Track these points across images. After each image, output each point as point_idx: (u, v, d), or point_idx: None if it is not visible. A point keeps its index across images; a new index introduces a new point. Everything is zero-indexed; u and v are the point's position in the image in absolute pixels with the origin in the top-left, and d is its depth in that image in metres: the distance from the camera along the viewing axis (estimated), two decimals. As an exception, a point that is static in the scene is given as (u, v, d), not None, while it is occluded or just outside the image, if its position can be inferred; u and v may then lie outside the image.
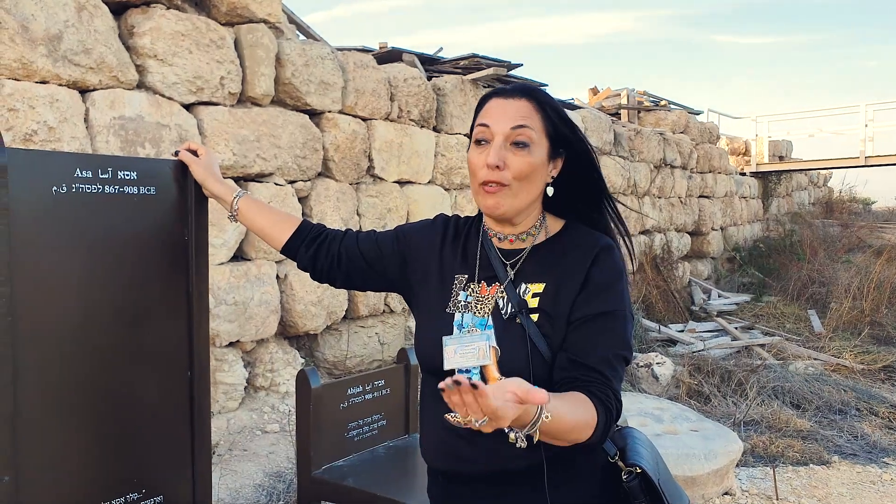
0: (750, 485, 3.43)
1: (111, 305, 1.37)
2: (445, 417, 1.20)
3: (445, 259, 1.29)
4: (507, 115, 1.17)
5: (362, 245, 1.37)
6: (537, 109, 1.18)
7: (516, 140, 1.16)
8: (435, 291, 1.27)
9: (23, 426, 1.24)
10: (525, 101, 1.19)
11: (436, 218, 1.38)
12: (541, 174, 1.19)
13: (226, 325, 3.51)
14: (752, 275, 9.73)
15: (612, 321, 1.15)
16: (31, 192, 1.24)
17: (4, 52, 2.70)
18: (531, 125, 1.17)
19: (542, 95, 1.21)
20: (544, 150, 1.19)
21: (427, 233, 1.35)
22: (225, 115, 3.54)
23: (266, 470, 3.07)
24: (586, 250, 1.20)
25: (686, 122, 9.75)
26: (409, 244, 1.34)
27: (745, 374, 5.02)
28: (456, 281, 1.26)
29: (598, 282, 1.16)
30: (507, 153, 1.17)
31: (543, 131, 1.18)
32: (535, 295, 1.18)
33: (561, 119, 1.20)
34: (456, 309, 1.23)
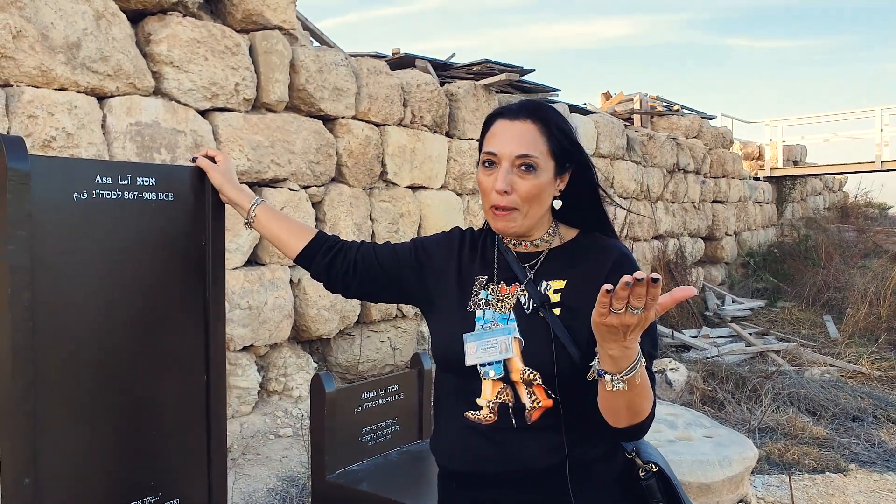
0: (765, 492, 3.40)
1: (130, 310, 1.39)
2: (466, 416, 1.21)
3: (464, 264, 1.31)
4: (513, 141, 1.19)
5: (379, 254, 1.39)
6: (542, 132, 1.20)
7: (523, 164, 1.19)
8: (454, 294, 1.29)
9: (43, 429, 1.25)
10: (530, 124, 1.20)
11: (452, 230, 1.41)
12: (548, 192, 1.22)
13: (240, 329, 3.53)
14: (767, 280, 9.65)
15: None
16: (52, 199, 1.26)
17: (25, 59, 2.74)
18: (536, 152, 1.19)
19: (548, 114, 1.23)
20: (550, 170, 1.21)
21: (444, 243, 1.37)
22: (240, 121, 3.57)
23: (279, 474, 3.08)
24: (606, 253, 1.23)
25: (699, 127, 9.71)
26: (427, 253, 1.36)
27: (760, 380, 4.98)
28: (476, 282, 1.28)
29: None
30: (514, 177, 1.19)
31: (549, 153, 1.20)
32: (557, 291, 1.21)
33: (565, 136, 1.22)
34: (477, 306, 1.25)
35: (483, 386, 1.20)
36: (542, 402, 1.17)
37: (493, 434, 1.19)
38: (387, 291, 1.39)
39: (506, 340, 1.18)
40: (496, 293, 1.25)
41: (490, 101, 5.42)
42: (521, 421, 1.18)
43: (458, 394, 1.24)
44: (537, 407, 1.17)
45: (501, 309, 1.23)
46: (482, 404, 1.20)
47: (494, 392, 1.19)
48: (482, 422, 1.20)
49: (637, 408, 1.07)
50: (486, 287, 1.27)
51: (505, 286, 1.25)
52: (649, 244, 7.90)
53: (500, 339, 1.18)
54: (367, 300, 1.44)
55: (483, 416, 1.20)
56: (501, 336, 1.19)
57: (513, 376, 1.18)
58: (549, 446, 1.16)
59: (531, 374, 1.16)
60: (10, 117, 2.71)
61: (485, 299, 1.25)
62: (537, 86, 6.27)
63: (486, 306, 1.24)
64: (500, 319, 1.21)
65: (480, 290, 1.27)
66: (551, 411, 1.17)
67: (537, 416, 1.17)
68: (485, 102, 5.35)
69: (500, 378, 1.19)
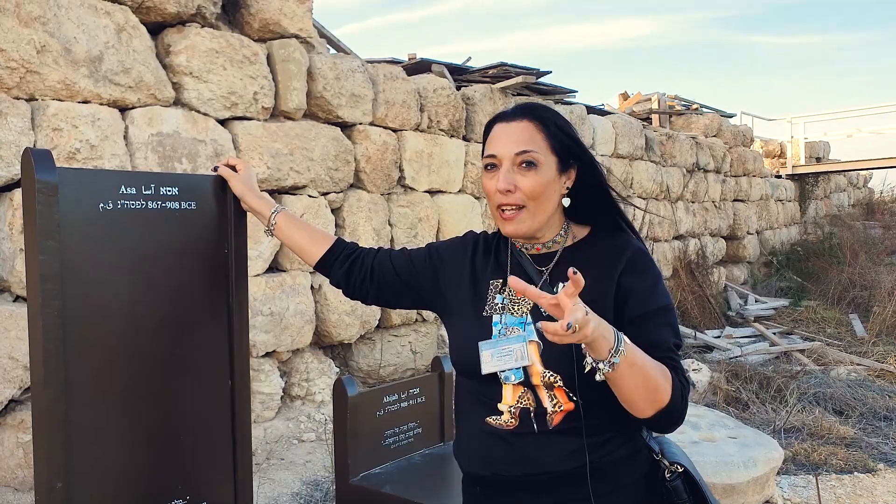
0: (792, 493, 3.36)
1: (156, 317, 1.42)
2: (486, 421, 1.22)
3: (477, 268, 1.32)
4: (511, 140, 1.20)
5: (395, 261, 1.40)
6: (539, 128, 1.21)
7: (523, 161, 1.19)
8: (468, 299, 1.29)
9: (75, 435, 1.28)
10: (527, 122, 1.21)
11: (466, 234, 1.42)
12: (553, 189, 1.22)
13: (262, 335, 3.57)
14: (790, 279, 9.53)
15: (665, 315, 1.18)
16: (79, 210, 1.29)
17: (49, 74, 2.80)
18: (535, 147, 1.20)
19: (545, 112, 1.24)
20: (553, 166, 1.21)
21: (458, 247, 1.38)
22: (259, 129, 3.61)
23: (303, 478, 3.11)
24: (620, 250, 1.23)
25: (719, 126, 9.63)
26: (441, 257, 1.37)
27: (785, 380, 4.92)
28: (491, 286, 1.28)
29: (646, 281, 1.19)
30: (516, 175, 1.20)
31: (549, 149, 1.21)
32: None
33: (565, 133, 1.22)
34: (493, 311, 1.25)
35: (504, 391, 1.21)
36: (564, 405, 1.17)
37: (514, 439, 1.19)
38: (404, 298, 1.41)
39: (521, 347, 1.17)
40: (511, 297, 1.24)
41: (507, 104, 5.42)
42: (542, 425, 1.18)
43: (478, 399, 1.25)
44: (559, 410, 1.17)
45: (518, 313, 1.22)
46: (503, 409, 1.20)
47: (515, 397, 1.19)
48: (503, 427, 1.20)
49: (651, 390, 1.06)
50: (501, 291, 1.26)
51: None
52: (670, 244, 7.84)
53: (516, 346, 1.18)
54: (385, 307, 1.46)
55: (504, 421, 1.20)
56: (516, 343, 1.18)
57: (533, 380, 1.18)
58: (571, 450, 1.16)
59: (552, 376, 1.16)
60: (36, 130, 2.77)
61: (501, 304, 1.25)
62: (554, 87, 6.26)
63: (502, 311, 1.24)
64: (516, 324, 1.21)
65: (496, 295, 1.26)
66: (573, 415, 1.17)
67: (559, 419, 1.17)
68: (501, 105, 5.36)
69: (520, 382, 1.19)
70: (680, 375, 1.14)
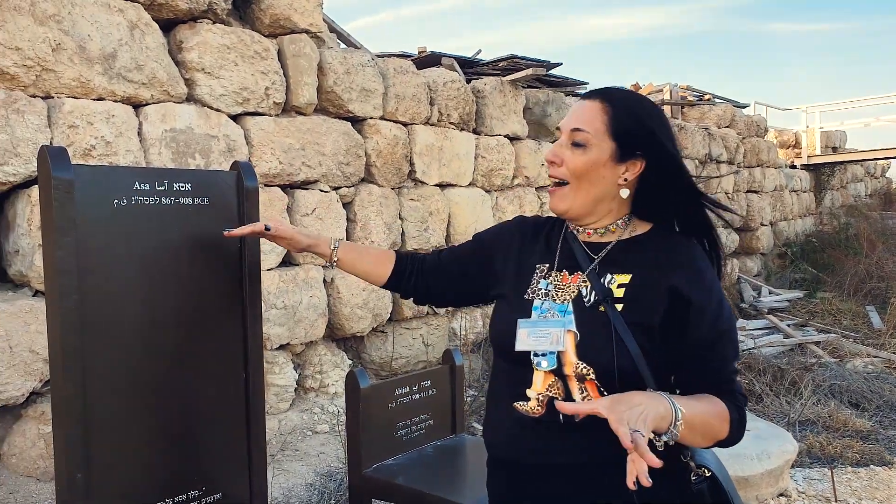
0: (806, 486, 3.34)
1: (170, 311, 1.44)
2: (514, 406, 1.21)
3: (525, 251, 1.32)
4: (575, 116, 1.22)
5: (449, 264, 1.44)
6: (604, 110, 1.20)
7: (574, 140, 1.20)
8: (512, 280, 1.29)
9: (93, 427, 1.31)
10: (597, 102, 1.21)
11: (514, 218, 1.42)
12: (603, 174, 1.20)
13: (276, 328, 3.60)
14: (805, 270, 9.44)
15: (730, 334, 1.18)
16: (94, 205, 1.32)
17: (64, 71, 2.83)
18: (590, 128, 1.19)
19: (617, 94, 1.22)
20: (607, 149, 1.19)
21: (504, 231, 1.39)
22: (270, 124, 3.64)
23: (317, 469, 3.14)
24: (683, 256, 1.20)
25: (732, 116, 9.54)
26: (487, 243, 1.39)
27: (799, 372, 4.89)
28: (537, 270, 1.28)
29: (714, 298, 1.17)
30: (566, 150, 1.21)
31: (606, 132, 1.19)
32: (621, 286, 1.18)
33: (633, 119, 1.19)
34: (536, 295, 1.24)
35: (534, 376, 1.19)
36: (593, 398, 1.14)
37: (539, 427, 1.18)
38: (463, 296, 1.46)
39: (559, 333, 1.16)
40: (557, 282, 1.23)
41: (517, 96, 5.41)
42: (568, 417, 1.15)
43: (509, 381, 1.24)
44: None
45: (560, 300, 1.21)
46: (531, 395, 1.19)
47: (545, 384, 1.18)
48: (529, 413, 1.19)
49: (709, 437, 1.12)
50: (546, 276, 1.25)
51: (567, 275, 1.23)
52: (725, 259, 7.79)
53: (554, 330, 1.17)
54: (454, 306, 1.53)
55: (531, 408, 1.19)
56: (555, 328, 1.17)
57: (565, 369, 1.16)
58: (595, 443, 1.14)
59: (584, 368, 1.14)
60: (52, 128, 2.81)
61: (544, 289, 1.23)
62: (565, 79, 6.23)
63: (545, 296, 1.23)
64: (557, 310, 1.20)
65: (540, 280, 1.25)
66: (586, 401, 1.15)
67: None
68: (512, 98, 5.35)
69: (552, 370, 1.17)
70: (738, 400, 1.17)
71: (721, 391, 1.17)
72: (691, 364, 1.17)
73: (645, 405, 1.02)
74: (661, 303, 1.15)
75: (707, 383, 1.17)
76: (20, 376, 2.66)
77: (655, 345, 1.15)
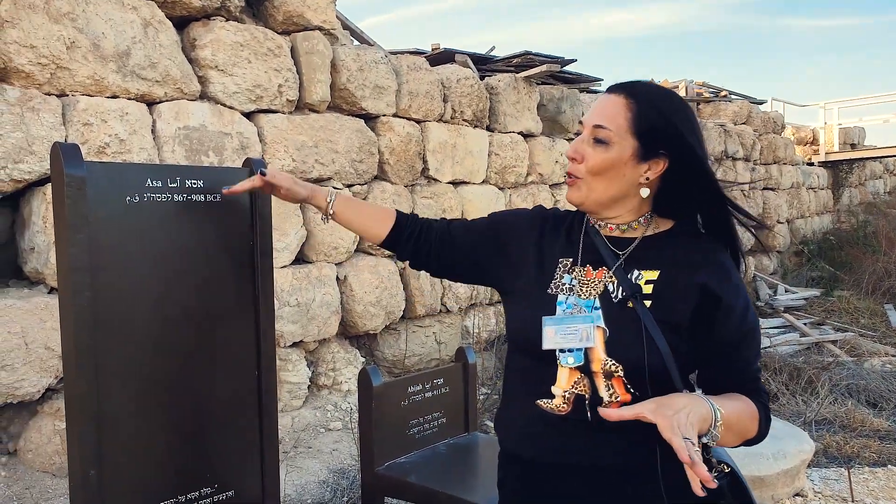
0: (823, 486, 3.30)
1: (183, 308, 1.44)
2: (537, 404, 1.17)
3: (545, 244, 1.27)
4: (598, 111, 1.18)
5: (455, 233, 1.38)
6: (628, 106, 1.15)
7: (595, 137, 1.17)
8: (533, 275, 1.25)
9: (106, 424, 1.31)
10: (621, 98, 1.17)
11: (534, 207, 1.37)
12: (623, 172, 1.16)
13: (289, 325, 3.60)
14: (822, 269, 9.33)
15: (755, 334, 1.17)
16: (106, 203, 1.32)
17: (79, 69, 2.85)
18: (612, 125, 1.15)
19: (644, 90, 1.18)
20: (629, 147, 1.15)
21: (524, 218, 1.34)
22: (284, 122, 3.64)
23: (330, 467, 3.14)
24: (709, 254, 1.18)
25: (748, 113, 9.45)
26: (505, 227, 1.34)
27: (816, 371, 4.83)
28: (560, 264, 1.24)
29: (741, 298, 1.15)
30: (588, 147, 1.17)
31: (629, 129, 1.15)
32: (649, 282, 1.16)
33: (659, 115, 1.15)
34: (559, 291, 1.21)
35: (559, 373, 1.16)
36: (621, 396, 1.12)
37: (565, 426, 1.15)
38: (466, 272, 1.39)
39: (588, 328, 1.13)
40: (581, 277, 1.20)
41: (531, 93, 5.38)
42: (596, 415, 1.12)
43: (531, 377, 1.20)
44: (615, 401, 1.13)
45: (586, 295, 1.18)
46: (556, 393, 1.16)
47: (571, 381, 1.15)
48: (554, 411, 1.16)
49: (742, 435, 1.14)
50: (569, 271, 1.22)
51: (591, 270, 1.20)
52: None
53: (582, 326, 1.14)
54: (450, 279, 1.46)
55: (556, 405, 1.16)
56: (584, 324, 1.14)
57: (593, 366, 1.13)
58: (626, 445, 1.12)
59: (613, 365, 1.12)
60: (67, 125, 2.83)
61: (568, 284, 1.20)
62: (579, 76, 6.19)
63: (569, 292, 1.19)
64: (584, 306, 1.17)
65: (564, 274, 1.22)
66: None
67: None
68: (525, 95, 5.32)
69: (578, 367, 1.14)
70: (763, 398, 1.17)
71: (747, 389, 1.16)
72: (717, 362, 1.16)
73: (689, 407, 1.01)
74: (691, 300, 1.13)
75: (733, 382, 1.16)
76: (36, 373, 2.68)
77: (683, 342, 1.13)
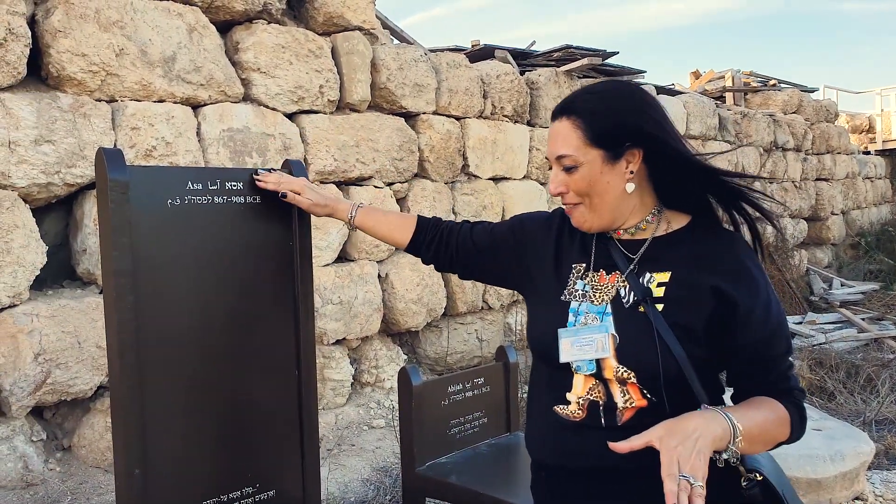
0: (885, 489, 3.17)
1: (224, 309, 1.46)
2: (554, 409, 1.19)
3: (562, 248, 1.28)
4: (554, 143, 1.20)
5: (476, 238, 1.41)
6: (574, 124, 1.17)
7: (563, 166, 1.18)
8: (550, 279, 1.26)
9: (150, 424, 1.34)
10: (564, 121, 1.18)
11: (554, 210, 1.38)
12: (606, 181, 1.16)
13: (332, 323, 3.64)
14: (881, 261, 8.97)
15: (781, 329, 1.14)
16: (149, 206, 1.34)
17: (127, 76, 2.92)
18: (569, 150, 1.16)
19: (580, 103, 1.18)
20: (597, 160, 1.16)
21: (544, 222, 1.35)
22: (325, 122, 3.67)
23: (373, 465, 3.16)
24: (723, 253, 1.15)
25: (799, 101, 9.14)
26: (525, 231, 1.36)
27: (876, 368, 4.64)
28: (573, 270, 1.24)
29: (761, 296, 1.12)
30: (564, 177, 1.18)
31: (585, 143, 1.16)
32: (661, 284, 1.15)
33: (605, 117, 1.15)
34: (572, 297, 1.21)
35: (574, 380, 1.17)
36: (636, 401, 1.13)
37: (581, 431, 1.16)
38: (488, 273, 1.43)
39: (603, 339, 1.14)
40: (594, 283, 1.20)
41: (572, 87, 5.31)
42: (610, 420, 1.14)
43: (549, 385, 1.22)
44: (630, 406, 1.13)
45: (598, 301, 1.18)
46: (571, 399, 1.18)
47: (586, 388, 1.16)
48: (570, 417, 1.18)
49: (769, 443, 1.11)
50: (583, 276, 1.22)
51: (604, 275, 1.20)
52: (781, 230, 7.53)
53: (598, 336, 1.14)
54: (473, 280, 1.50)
55: (571, 411, 1.18)
56: (598, 334, 1.15)
57: (605, 374, 1.14)
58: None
59: (625, 372, 1.12)
60: (116, 130, 2.90)
61: (581, 290, 1.21)
62: (622, 68, 6.09)
63: (582, 298, 1.20)
64: (596, 313, 1.17)
65: (577, 280, 1.22)
66: (646, 411, 1.12)
67: (629, 415, 1.13)
68: (567, 89, 5.25)
69: (592, 374, 1.15)
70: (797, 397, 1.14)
71: (778, 391, 1.13)
72: (743, 365, 1.14)
73: (700, 430, 0.99)
74: (706, 304, 1.11)
75: (761, 384, 1.14)
76: (88, 371, 2.77)
77: (699, 346, 1.11)
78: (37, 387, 2.64)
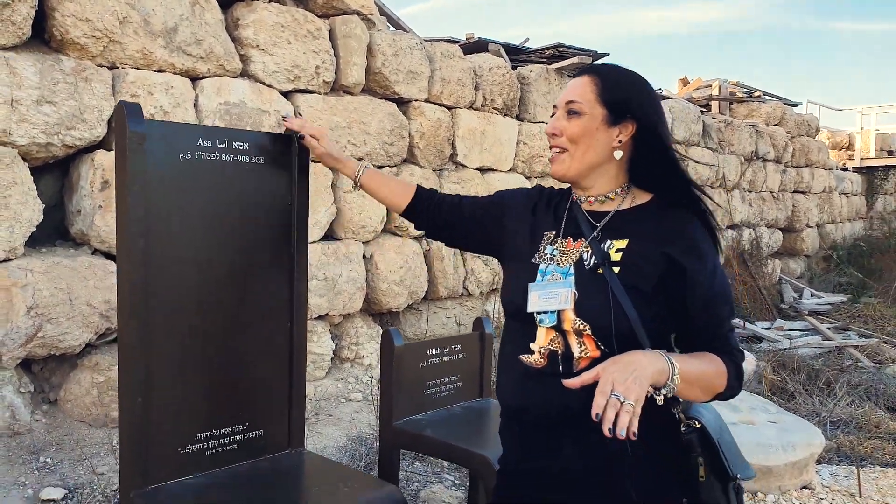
0: (832, 481, 3.34)
1: (226, 261, 1.57)
2: (520, 358, 1.33)
3: (538, 218, 1.44)
4: (568, 91, 1.35)
5: (465, 207, 1.57)
6: (593, 81, 1.33)
7: (569, 110, 1.33)
8: (525, 245, 1.42)
9: (153, 359, 1.45)
10: (586, 77, 1.34)
11: (534, 186, 1.55)
12: (598, 137, 1.32)
13: (316, 298, 3.74)
14: (851, 275, 9.24)
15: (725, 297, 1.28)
16: (163, 158, 1.45)
17: (129, 43, 3.00)
18: (581, 97, 1.32)
19: (603, 68, 1.35)
20: (599, 115, 1.31)
21: (523, 196, 1.51)
22: (319, 102, 3.77)
23: (349, 434, 3.27)
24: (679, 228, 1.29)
25: (782, 114, 9.36)
26: (506, 203, 1.52)
27: (835, 373, 4.84)
28: (545, 237, 1.40)
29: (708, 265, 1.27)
30: (563, 122, 1.34)
31: (597, 100, 1.31)
32: (619, 250, 1.30)
33: (620, 87, 1.32)
34: (542, 260, 1.37)
35: (538, 332, 1.31)
36: (591, 352, 1.26)
37: (542, 377, 1.30)
38: (473, 241, 1.58)
39: (566, 293, 1.28)
40: (561, 248, 1.35)
41: (562, 84, 5.44)
42: (567, 368, 1.27)
43: (517, 338, 1.36)
44: (585, 356, 1.26)
45: (563, 263, 1.33)
46: (534, 349, 1.32)
47: (547, 339, 1.30)
48: (533, 365, 1.32)
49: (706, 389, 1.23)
50: (552, 242, 1.37)
51: (571, 241, 1.35)
52: (723, 234, 7.73)
53: (561, 290, 1.29)
54: (460, 248, 1.68)
55: (534, 360, 1.31)
56: (562, 288, 1.29)
57: (564, 325, 1.28)
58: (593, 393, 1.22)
59: (581, 324, 1.26)
60: (116, 96, 2.98)
61: (550, 254, 1.36)
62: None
63: (549, 261, 1.35)
64: (561, 273, 1.32)
65: (547, 246, 1.38)
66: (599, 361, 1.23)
67: (584, 364, 1.26)
68: (557, 86, 5.38)
69: (552, 326, 1.29)
70: (735, 356, 1.26)
71: (717, 348, 1.27)
72: (688, 325, 1.28)
73: (640, 363, 1.13)
74: (656, 268, 1.26)
75: (704, 342, 1.28)
76: (78, 328, 2.85)
77: (650, 305, 1.26)
78: (28, 339, 2.72)
